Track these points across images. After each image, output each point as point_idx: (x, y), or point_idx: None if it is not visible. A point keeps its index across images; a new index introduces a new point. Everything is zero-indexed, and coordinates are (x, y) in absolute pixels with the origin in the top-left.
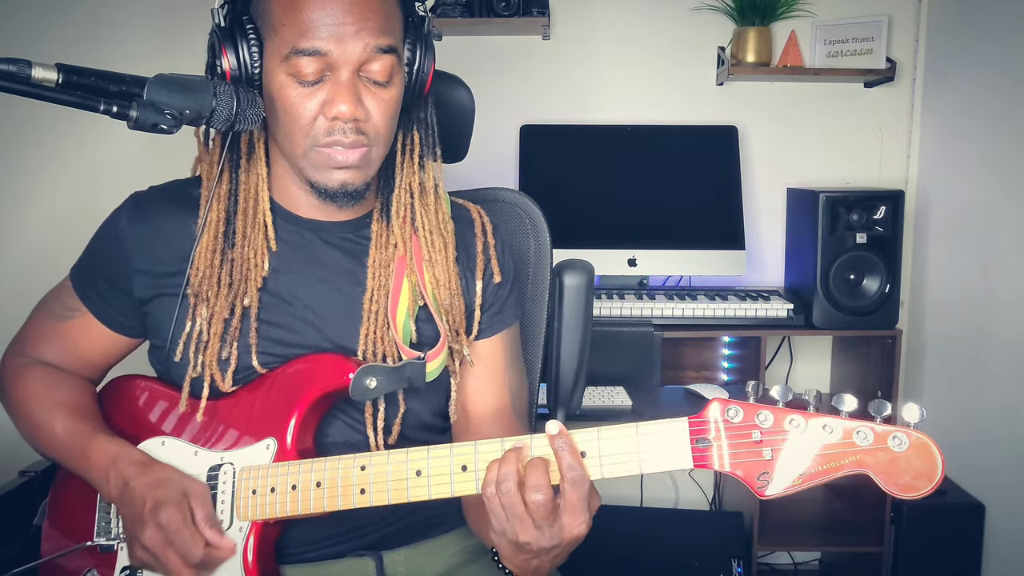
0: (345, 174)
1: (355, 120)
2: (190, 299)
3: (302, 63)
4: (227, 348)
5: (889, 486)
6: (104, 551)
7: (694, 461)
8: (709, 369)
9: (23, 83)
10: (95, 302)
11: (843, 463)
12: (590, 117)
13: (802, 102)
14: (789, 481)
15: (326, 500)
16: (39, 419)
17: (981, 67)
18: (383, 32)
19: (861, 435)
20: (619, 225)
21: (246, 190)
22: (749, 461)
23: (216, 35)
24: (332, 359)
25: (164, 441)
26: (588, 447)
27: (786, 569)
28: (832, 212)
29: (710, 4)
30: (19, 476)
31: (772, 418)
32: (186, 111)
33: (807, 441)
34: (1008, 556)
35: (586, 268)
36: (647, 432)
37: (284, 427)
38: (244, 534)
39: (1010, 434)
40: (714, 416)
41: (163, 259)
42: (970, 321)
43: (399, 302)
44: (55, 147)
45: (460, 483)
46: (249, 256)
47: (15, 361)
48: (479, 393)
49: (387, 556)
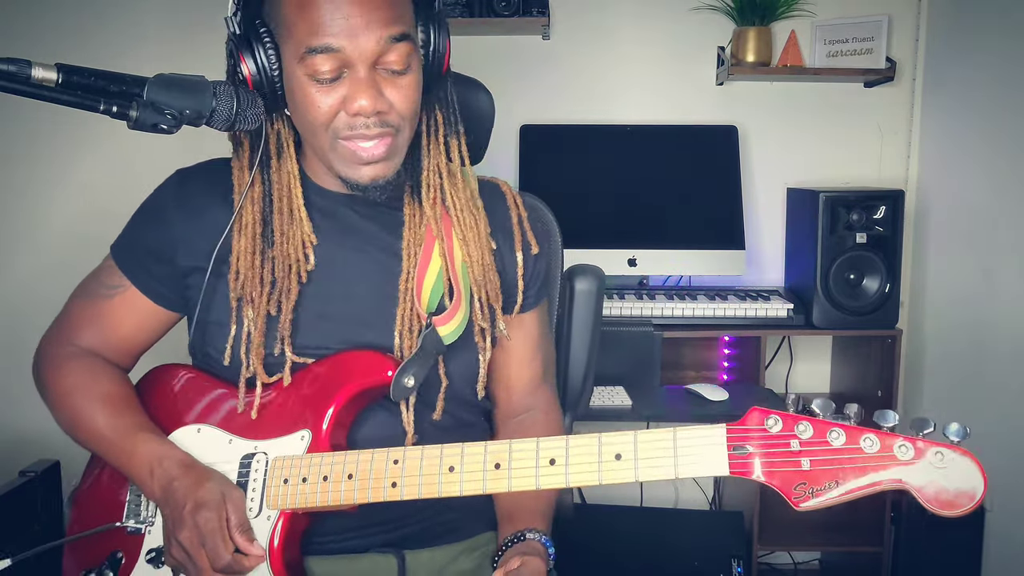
0: (374, 169)
1: (378, 113)
2: (232, 301)
3: (317, 61)
4: (277, 345)
5: (930, 503)
6: (131, 533)
7: (731, 468)
8: (709, 369)
9: (23, 83)
10: (138, 275)
11: (883, 477)
12: (590, 117)
13: (802, 102)
14: (827, 493)
15: (356, 492)
16: (81, 411)
17: (981, 67)
18: (394, 21)
19: (903, 450)
20: (619, 225)
21: (279, 189)
22: (787, 471)
23: (233, 43)
24: (371, 356)
25: (200, 428)
26: (624, 449)
27: (786, 569)
28: (832, 212)
29: (710, 4)
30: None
31: (812, 429)
32: (186, 111)
33: (848, 453)
34: (1008, 557)
35: (596, 273)
36: (684, 437)
37: (320, 419)
38: (272, 522)
39: (1010, 434)
40: (753, 424)
41: (206, 235)
42: (970, 321)
43: (426, 274)
44: (71, 151)
45: (492, 480)
46: (290, 252)
47: (55, 350)
48: (522, 364)
49: (409, 555)
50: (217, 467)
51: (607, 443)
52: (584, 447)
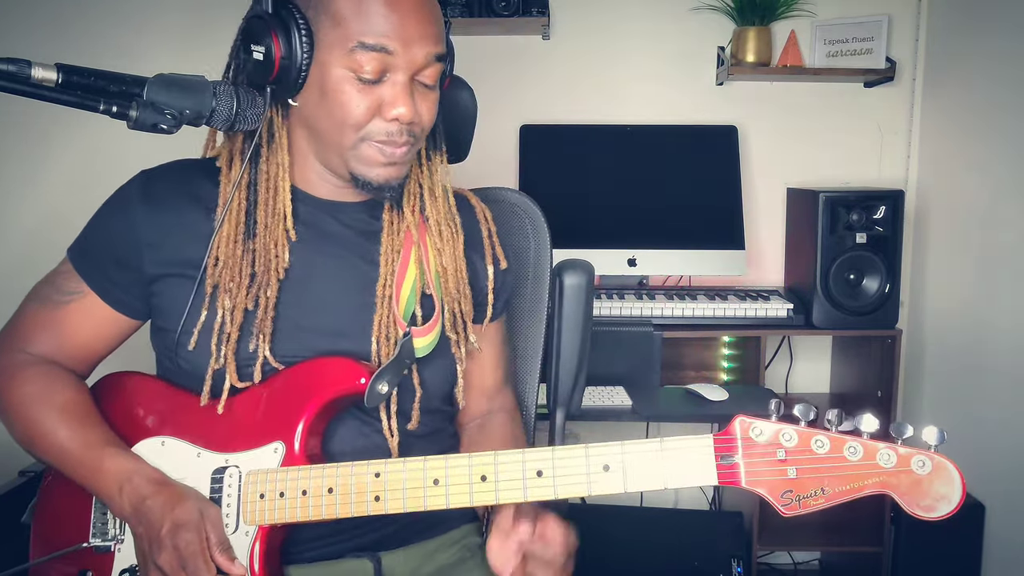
0: (390, 170)
1: (411, 123)
2: (207, 288)
3: (364, 59)
4: (252, 341)
5: (911, 507)
6: (99, 552)
7: (719, 478)
8: (709, 369)
9: (23, 83)
10: (98, 281)
11: (867, 483)
12: (590, 117)
13: (802, 102)
14: (813, 501)
15: (339, 506)
16: (39, 423)
17: (981, 67)
18: (439, 40)
19: (885, 456)
20: (619, 225)
21: (267, 179)
22: (774, 480)
23: (263, 21)
24: (342, 363)
25: (164, 441)
26: (612, 460)
27: (786, 569)
28: (832, 212)
29: (710, 4)
30: (19, 476)
31: (797, 438)
32: (186, 111)
33: (832, 461)
34: (1008, 556)
35: (586, 268)
36: (672, 448)
37: (292, 431)
38: (251, 539)
39: (1010, 434)
40: (739, 434)
41: (175, 238)
42: (970, 321)
43: (404, 280)
44: (44, 144)
45: (480, 493)
46: (270, 246)
47: (7, 358)
48: (487, 369)
49: (385, 557)
50: (187, 482)
51: (595, 454)
52: (572, 458)
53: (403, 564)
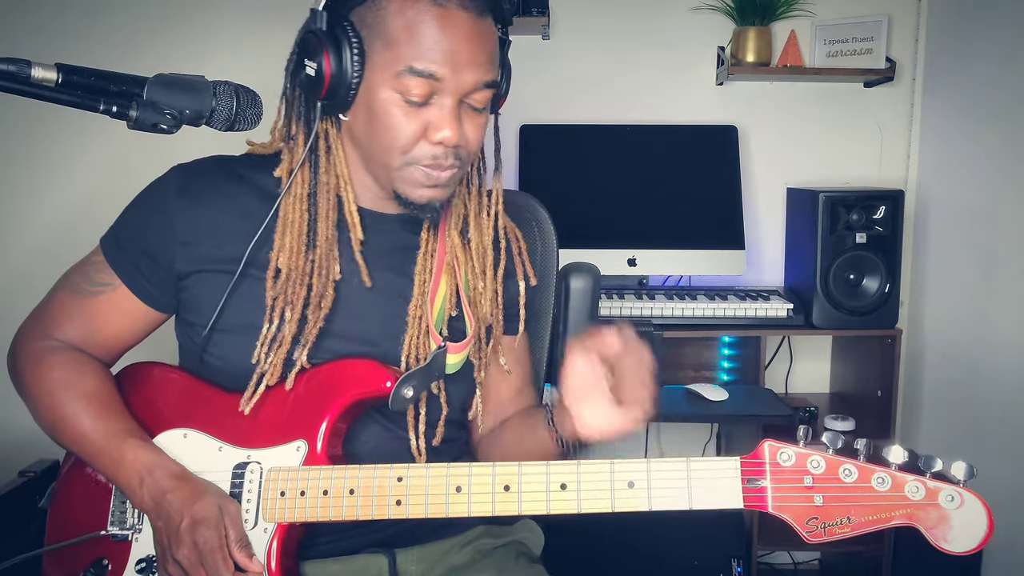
0: (434, 192)
1: (456, 146)
2: (267, 299)
3: (412, 83)
4: (298, 349)
5: (937, 541)
6: (117, 540)
7: (745, 501)
8: (709, 369)
9: (23, 83)
10: (130, 275)
11: (894, 515)
12: (590, 117)
13: (802, 102)
14: (838, 529)
15: (359, 508)
16: (64, 410)
17: (981, 67)
18: (491, 66)
19: (913, 488)
20: (619, 225)
21: (327, 191)
22: (799, 506)
23: (318, 37)
24: (369, 365)
25: (186, 434)
26: (637, 478)
27: (786, 569)
28: (832, 212)
29: (710, 4)
30: (19, 476)
31: (824, 465)
32: (186, 111)
33: (859, 491)
34: (1008, 557)
35: (592, 271)
36: (698, 468)
37: (315, 430)
38: (269, 535)
39: (1010, 434)
40: (767, 458)
41: (210, 236)
42: (970, 320)
43: (437, 293)
44: (60, 145)
45: (501, 503)
46: (330, 259)
47: (35, 344)
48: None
49: (400, 554)
50: (206, 476)
51: (620, 470)
52: (596, 473)
53: (417, 562)
